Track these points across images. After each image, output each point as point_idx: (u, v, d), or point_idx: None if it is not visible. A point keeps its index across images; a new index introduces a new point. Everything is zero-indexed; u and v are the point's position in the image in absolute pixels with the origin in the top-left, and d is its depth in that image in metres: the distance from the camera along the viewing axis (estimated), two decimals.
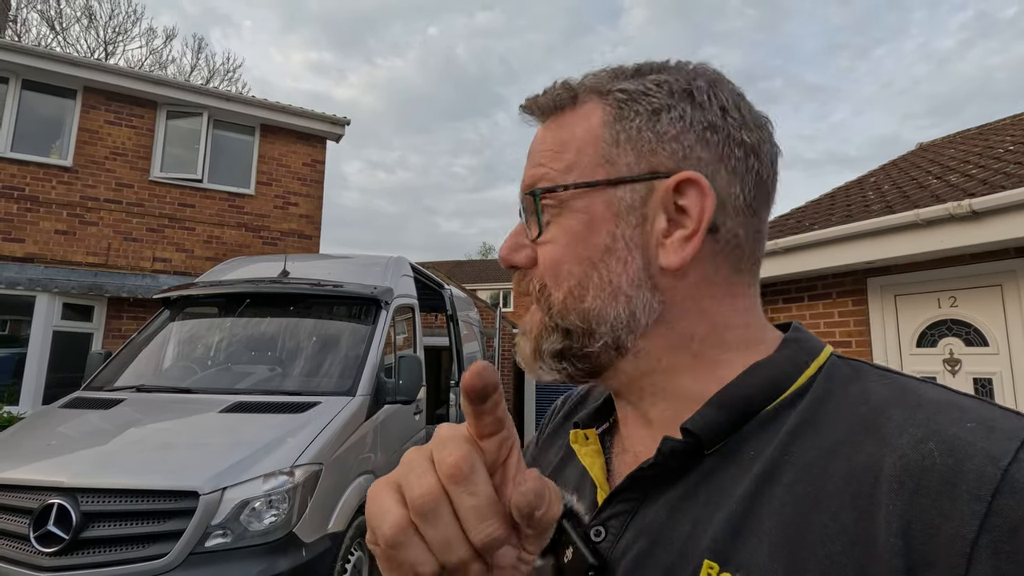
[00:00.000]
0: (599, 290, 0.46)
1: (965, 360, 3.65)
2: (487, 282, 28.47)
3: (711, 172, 0.45)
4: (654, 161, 0.46)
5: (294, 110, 9.10)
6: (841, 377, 0.42)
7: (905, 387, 0.39)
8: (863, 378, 0.42)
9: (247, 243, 8.69)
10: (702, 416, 0.43)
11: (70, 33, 21.32)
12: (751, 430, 0.42)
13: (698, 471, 0.43)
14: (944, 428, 0.35)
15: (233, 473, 2.82)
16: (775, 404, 0.43)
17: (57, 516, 2.62)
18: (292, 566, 2.80)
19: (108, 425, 3.28)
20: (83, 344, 7.25)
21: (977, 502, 0.31)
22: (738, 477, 0.41)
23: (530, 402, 11.52)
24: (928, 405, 0.37)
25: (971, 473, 0.32)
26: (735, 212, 0.46)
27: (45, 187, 7.52)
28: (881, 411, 0.38)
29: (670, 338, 0.46)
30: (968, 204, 3.10)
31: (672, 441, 0.43)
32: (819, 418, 0.40)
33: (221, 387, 3.88)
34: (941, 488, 0.33)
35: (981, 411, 0.36)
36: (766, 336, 0.48)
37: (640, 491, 0.45)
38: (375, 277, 4.77)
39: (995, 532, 0.31)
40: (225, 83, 23.48)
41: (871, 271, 4.03)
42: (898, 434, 0.36)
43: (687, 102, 0.47)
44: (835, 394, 0.41)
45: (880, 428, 0.37)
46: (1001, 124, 6.41)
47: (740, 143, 0.46)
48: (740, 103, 0.48)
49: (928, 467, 0.33)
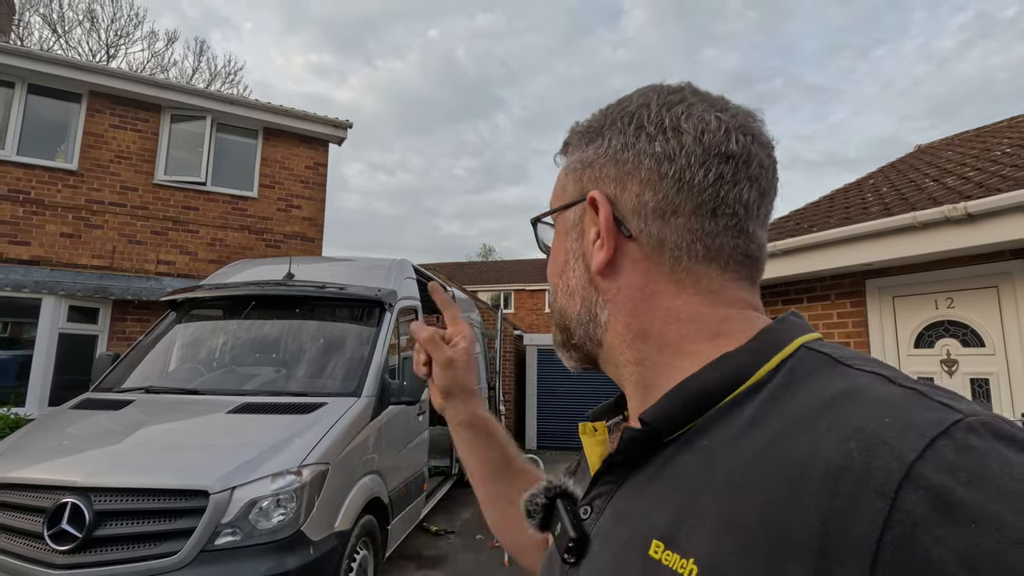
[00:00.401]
0: (564, 293, 0.58)
1: (962, 361, 3.70)
2: (488, 283, 28.51)
3: (618, 186, 0.53)
4: (581, 185, 0.56)
5: (297, 113, 9.16)
6: (802, 372, 0.43)
7: (854, 383, 0.40)
8: (824, 372, 0.42)
9: (250, 246, 8.75)
10: (657, 407, 0.47)
11: (72, 36, 21.40)
12: (708, 421, 0.45)
13: (661, 457, 0.47)
14: (865, 426, 0.35)
15: (242, 473, 2.87)
16: (732, 397, 0.45)
17: (71, 515, 2.68)
18: (300, 564, 2.85)
19: (118, 426, 3.33)
20: (88, 346, 7.31)
21: (882, 499, 0.32)
22: (692, 465, 0.44)
23: (531, 397, 11.57)
24: (863, 402, 0.37)
25: (879, 470, 0.33)
26: (653, 217, 0.51)
27: (51, 190, 7.58)
28: (825, 406, 0.39)
29: (628, 333, 0.53)
30: (963, 207, 3.15)
31: (631, 430, 0.48)
32: (769, 412, 0.42)
33: (228, 388, 3.93)
34: (853, 487, 0.33)
35: (908, 407, 0.36)
36: (745, 327, 0.49)
37: (618, 475, 0.50)
38: (379, 279, 4.83)
39: (898, 528, 0.31)
40: (227, 86, 23.57)
41: (869, 273, 4.08)
42: (827, 432, 0.37)
43: (612, 128, 0.54)
44: (791, 389, 0.42)
45: (815, 425, 0.38)
46: (998, 127, 6.46)
47: (651, 154, 0.51)
48: (666, 115, 0.51)
49: (846, 466, 0.34)
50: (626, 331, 0.53)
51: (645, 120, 0.52)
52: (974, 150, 5.49)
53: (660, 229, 0.51)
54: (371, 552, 3.68)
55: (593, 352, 0.57)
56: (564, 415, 11.16)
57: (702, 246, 0.50)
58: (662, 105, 0.52)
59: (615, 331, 0.53)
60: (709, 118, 0.51)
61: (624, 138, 0.53)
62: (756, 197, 0.51)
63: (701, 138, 0.50)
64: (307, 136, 9.40)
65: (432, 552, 5.31)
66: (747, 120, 0.53)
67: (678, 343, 0.50)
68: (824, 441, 0.36)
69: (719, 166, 0.50)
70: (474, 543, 5.62)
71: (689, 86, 0.55)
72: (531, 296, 28.47)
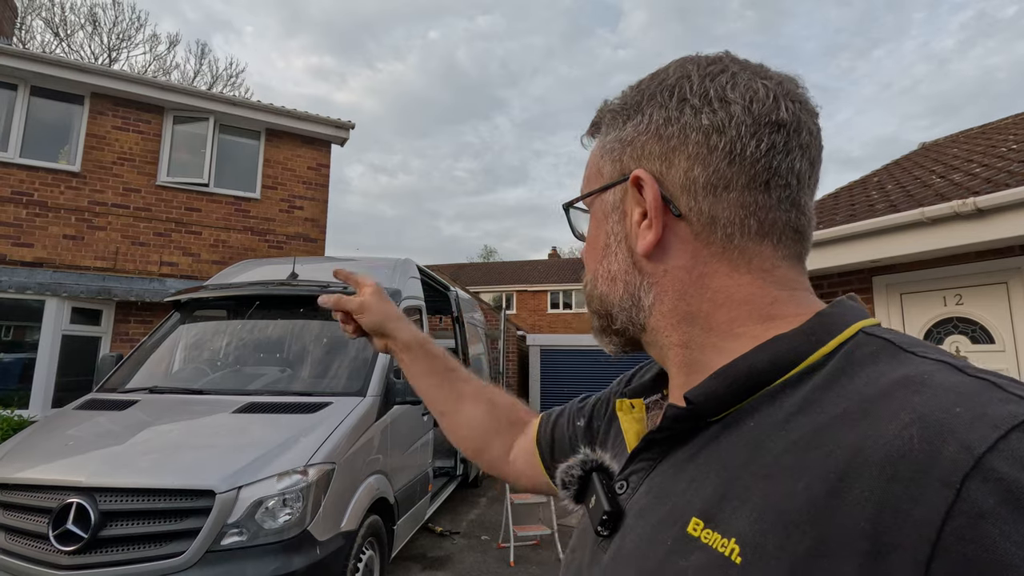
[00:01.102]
0: (605, 279, 0.56)
1: (971, 358, 3.66)
2: (490, 284, 28.50)
3: (664, 163, 0.50)
4: (622, 165, 0.54)
5: (299, 114, 9.16)
6: (861, 357, 0.42)
7: (918, 370, 0.38)
8: (884, 359, 0.41)
9: (253, 247, 8.74)
10: (703, 386, 0.46)
11: (74, 39, 21.45)
12: (757, 403, 0.44)
13: (703, 437, 0.46)
14: (931, 414, 0.34)
15: (248, 472, 2.85)
16: (783, 379, 0.43)
17: (76, 515, 2.66)
18: (306, 564, 2.83)
19: (123, 426, 3.32)
20: (91, 348, 7.30)
21: (947, 488, 0.31)
22: (737, 446, 0.43)
23: (535, 397, 11.55)
24: (927, 390, 0.36)
25: (945, 460, 0.32)
26: (704, 193, 0.49)
27: (53, 192, 7.58)
28: (885, 394, 0.38)
29: (675, 315, 0.51)
30: (973, 202, 3.12)
31: (675, 407, 0.47)
32: (825, 396, 0.40)
33: (233, 388, 3.92)
34: (914, 475, 0.32)
35: (980, 396, 0.35)
36: (798, 310, 0.48)
37: (657, 452, 0.50)
38: (383, 279, 4.81)
39: (961, 518, 0.30)
40: (228, 88, 23.61)
41: (877, 270, 4.05)
42: (889, 419, 0.36)
43: (651, 103, 0.52)
44: (848, 374, 0.41)
45: (875, 411, 0.37)
46: (1003, 123, 6.43)
47: (698, 127, 0.49)
48: (710, 85, 0.50)
49: (906, 453, 0.33)
50: (672, 314, 0.51)
51: (688, 92, 0.50)
52: (980, 147, 5.46)
53: (711, 205, 0.49)
54: (377, 552, 3.66)
55: (636, 336, 0.55)
56: None
57: (755, 221, 0.48)
58: (704, 76, 0.50)
59: (660, 313, 0.52)
60: (756, 86, 0.49)
61: (666, 112, 0.51)
62: (807, 167, 0.49)
63: (750, 107, 0.48)
64: (309, 137, 9.39)
65: (437, 553, 5.29)
66: (792, 86, 0.51)
67: (727, 325, 0.49)
68: (883, 428, 0.35)
69: (771, 135, 0.48)
70: (479, 544, 5.60)
71: (728, 55, 0.53)
72: (533, 297, 28.46)
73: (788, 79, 0.52)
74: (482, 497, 7.57)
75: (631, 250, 0.53)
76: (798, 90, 0.51)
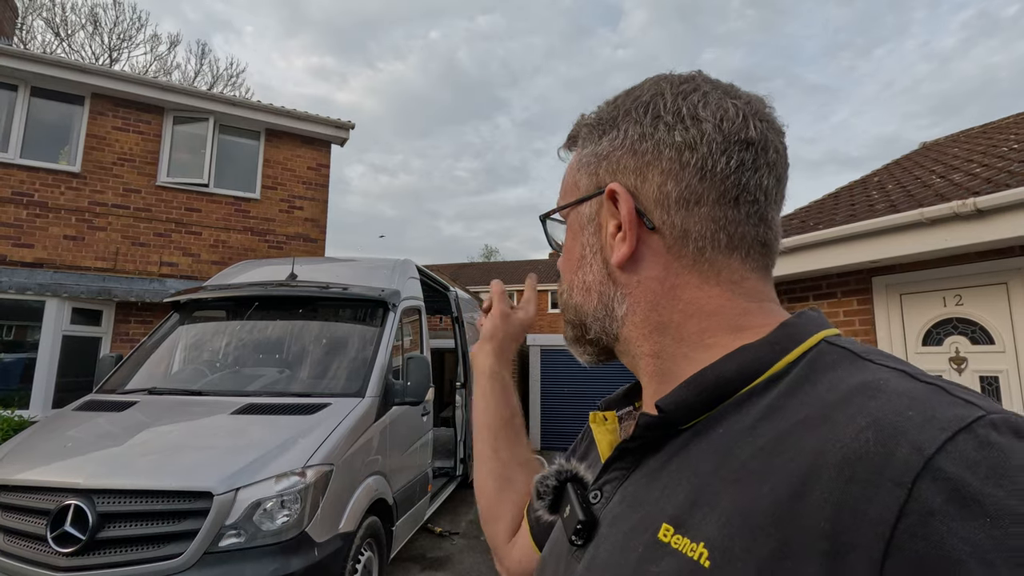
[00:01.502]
0: (580, 289, 0.57)
1: (971, 358, 3.67)
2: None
3: (638, 177, 0.52)
4: (597, 179, 0.55)
5: (299, 114, 9.16)
6: (823, 364, 0.44)
7: (875, 377, 0.40)
8: (844, 366, 0.43)
9: (253, 247, 8.75)
10: (673, 394, 0.47)
11: (75, 40, 21.47)
12: (725, 411, 0.45)
13: (674, 444, 0.47)
14: (885, 417, 0.36)
15: (246, 474, 2.85)
16: (749, 388, 0.45)
17: (74, 517, 2.66)
18: (305, 566, 2.83)
19: (122, 427, 3.32)
20: (92, 348, 7.31)
21: (899, 488, 0.33)
22: (706, 452, 0.44)
23: (535, 398, 11.54)
24: (882, 395, 0.38)
25: (898, 461, 0.33)
26: (676, 207, 0.51)
27: (54, 193, 7.59)
28: (844, 399, 0.39)
29: (647, 326, 0.52)
30: (973, 203, 3.11)
31: (647, 416, 0.48)
32: (788, 403, 0.42)
33: (232, 389, 3.92)
34: (870, 476, 0.34)
35: (929, 401, 0.37)
36: (765, 321, 0.49)
37: (630, 461, 0.50)
38: (382, 279, 4.81)
39: (913, 517, 0.32)
40: (229, 88, 23.62)
41: (876, 270, 4.04)
42: (847, 423, 0.37)
43: (627, 119, 0.54)
44: (810, 381, 0.42)
45: (834, 416, 0.38)
46: (1004, 123, 6.42)
47: (671, 144, 0.51)
48: (682, 103, 0.52)
49: (863, 455, 0.35)
50: (644, 324, 0.53)
51: (661, 109, 0.52)
52: (980, 146, 5.44)
53: (684, 219, 0.51)
54: (376, 553, 3.66)
55: (609, 345, 0.57)
56: (568, 415, 11.13)
57: (725, 235, 0.50)
58: (677, 94, 0.53)
59: (633, 324, 0.53)
60: (727, 105, 0.51)
61: (641, 128, 0.53)
62: (774, 183, 0.52)
63: (721, 126, 0.50)
64: (309, 137, 9.39)
65: (436, 553, 5.29)
66: (760, 106, 0.53)
67: (698, 335, 0.50)
68: (841, 431, 0.37)
69: (740, 153, 0.50)
70: (479, 544, 5.60)
71: (700, 74, 0.55)
72: None
73: (756, 99, 0.54)
74: None
75: (606, 261, 0.54)
76: (766, 110, 0.53)
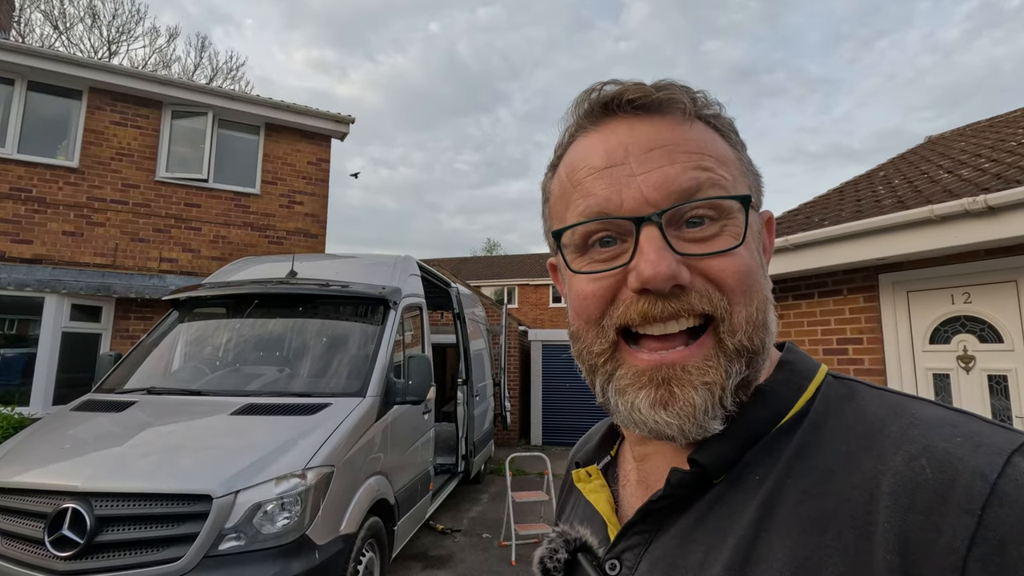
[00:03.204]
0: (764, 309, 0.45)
1: (979, 357, 3.62)
2: (491, 279, 28.45)
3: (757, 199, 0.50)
4: (757, 195, 0.51)
5: (299, 108, 9.08)
6: (837, 398, 0.43)
7: (899, 405, 0.40)
8: (858, 398, 0.42)
9: (253, 242, 8.69)
10: (711, 448, 0.44)
11: (73, 33, 21.35)
12: (755, 456, 0.43)
13: (706, 499, 0.44)
14: (935, 444, 0.35)
15: (245, 476, 2.82)
16: (776, 429, 0.44)
17: (72, 520, 2.63)
18: (305, 569, 2.80)
19: (121, 428, 3.28)
20: (92, 345, 7.28)
21: (968, 516, 0.32)
22: (746, 503, 0.41)
23: (536, 393, 11.51)
24: (921, 422, 0.37)
25: (961, 488, 0.33)
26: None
27: (52, 188, 7.53)
28: (878, 429, 0.38)
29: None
30: (984, 200, 3.06)
31: (680, 472, 0.44)
32: (819, 439, 0.41)
33: (231, 389, 3.88)
34: (933, 503, 0.33)
35: (970, 426, 0.37)
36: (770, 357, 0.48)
37: (653, 523, 0.46)
38: (383, 277, 4.76)
39: (986, 545, 0.31)
40: (228, 82, 23.49)
41: (883, 267, 3.99)
42: (893, 451, 0.36)
43: (732, 134, 0.51)
44: (833, 415, 0.42)
45: (876, 446, 0.37)
46: (1012, 116, 6.34)
47: (756, 174, 0.52)
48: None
49: (921, 483, 0.34)
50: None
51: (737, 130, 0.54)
52: (988, 140, 5.38)
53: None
54: (377, 554, 3.64)
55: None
56: (570, 411, 11.11)
57: None
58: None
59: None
60: None
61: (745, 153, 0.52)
62: None
63: None
64: (309, 131, 9.32)
65: (438, 551, 5.27)
66: None
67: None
68: (890, 460, 0.36)
69: None
70: (481, 541, 5.58)
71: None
72: (534, 291, 28.38)
73: None
74: (483, 494, 7.55)
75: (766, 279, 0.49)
76: None
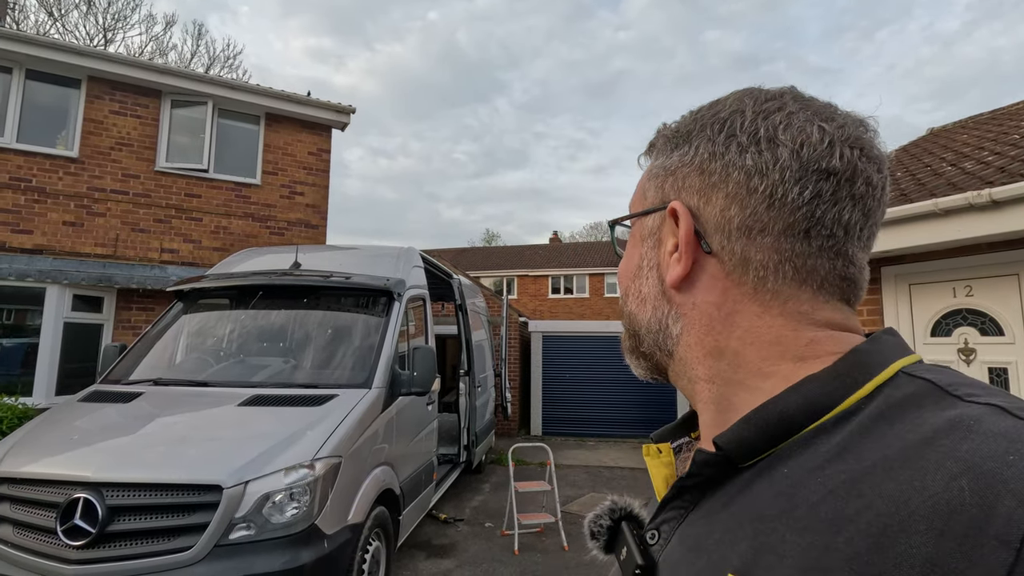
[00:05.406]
0: (635, 298, 0.56)
1: (980, 350, 3.65)
2: (490, 269, 28.46)
3: (702, 198, 0.49)
4: (662, 193, 0.54)
5: (299, 98, 9.03)
6: (901, 400, 0.39)
7: (964, 414, 0.36)
8: (928, 404, 0.38)
9: (254, 233, 8.68)
10: (732, 431, 0.44)
11: (69, 20, 21.15)
12: (790, 449, 0.42)
13: (735, 484, 0.44)
14: (982, 463, 0.32)
15: (255, 467, 2.85)
16: (816, 425, 0.41)
17: (83, 510, 2.66)
18: (315, 558, 2.84)
19: (129, 419, 3.30)
20: (94, 335, 7.29)
21: (1004, 549, 0.29)
22: (770, 495, 0.41)
23: (536, 384, 11.57)
24: (976, 436, 0.34)
25: (1001, 517, 0.30)
26: (737, 234, 0.48)
27: (52, 178, 7.50)
28: (928, 440, 0.35)
29: (701, 348, 0.50)
30: (988, 193, 3.07)
31: (704, 452, 0.45)
32: (862, 443, 0.38)
33: (237, 380, 3.90)
34: (968, 531, 0.30)
35: None
36: (834, 348, 0.45)
37: (688, 500, 0.48)
38: (387, 268, 4.77)
39: None
40: (226, 70, 23.33)
41: (885, 260, 4.01)
42: (936, 468, 0.33)
43: (701, 135, 0.51)
44: (888, 419, 0.39)
45: (919, 459, 0.34)
46: (1015, 109, 6.34)
47: (740, 167, 0.47)
48: (761, 124, 0.48)
49: (957, 508, 0.31)
50: (699, 346, 0.50)
51: (737, 129, 0.49)
52: (990, 133, 5.38)
53: (744, 247, 0.48)
54: (383, 543, 3.68)
55: (663, 363, 0.54)
56: (569, 401, 11.17)
57: (791, 267, 0.47)
58: (758, 113, 0.48)
59: (687, 345, 0.51)
60: (811, 129, 0.46)
61: (712, 147, 0.50)
62: (859, 218, 0.47)
63: (799, 152, 0.46)
64: (309, 122, 9.28)
65: (441, 540, 5.32)
66: (857, 131, 0.48)
67: (757, 363, 0.47)
68: (929, 478, 0.33)
69: (817, 183, 0.46)
70: (483, 531, 5.64)
71: (791, 91, 0.51)
72: (534, 281, 28.42)
73: (855, 123, 0.48)
74: (485, 483, 7.61)
75: (661, 279, 0.53)
76: (864, 135, 0.48)
